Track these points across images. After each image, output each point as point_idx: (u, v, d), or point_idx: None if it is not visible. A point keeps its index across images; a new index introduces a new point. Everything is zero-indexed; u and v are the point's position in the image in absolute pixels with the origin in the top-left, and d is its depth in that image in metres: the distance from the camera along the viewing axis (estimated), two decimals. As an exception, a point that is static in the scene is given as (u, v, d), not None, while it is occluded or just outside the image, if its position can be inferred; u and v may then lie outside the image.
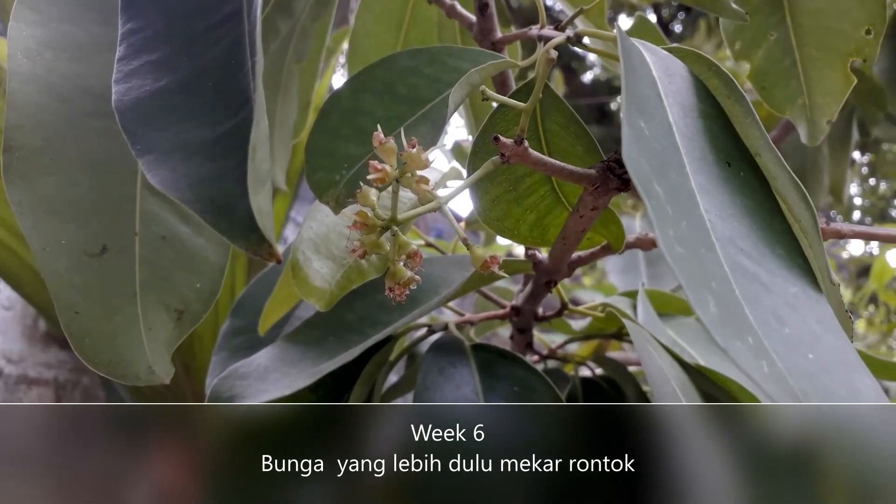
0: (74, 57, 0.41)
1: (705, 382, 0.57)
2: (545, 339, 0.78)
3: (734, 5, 0.40)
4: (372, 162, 0.31)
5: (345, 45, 1.28)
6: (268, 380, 0.48)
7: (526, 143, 0.35)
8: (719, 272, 0.27)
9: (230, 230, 0.26)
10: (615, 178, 0.38)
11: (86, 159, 0.41)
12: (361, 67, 0.43)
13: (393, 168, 0.32)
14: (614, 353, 0.89)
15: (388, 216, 0.33)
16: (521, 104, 0.36)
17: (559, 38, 0.41)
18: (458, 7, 0.55)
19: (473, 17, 0.55)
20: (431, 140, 0.39)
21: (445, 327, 0.58)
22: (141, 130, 0.28)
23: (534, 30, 0.49)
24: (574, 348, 0.88)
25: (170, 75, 0.30)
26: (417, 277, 0.34)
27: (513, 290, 0.80)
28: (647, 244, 0.51)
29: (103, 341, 0.39)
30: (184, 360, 1.21)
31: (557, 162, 0.37)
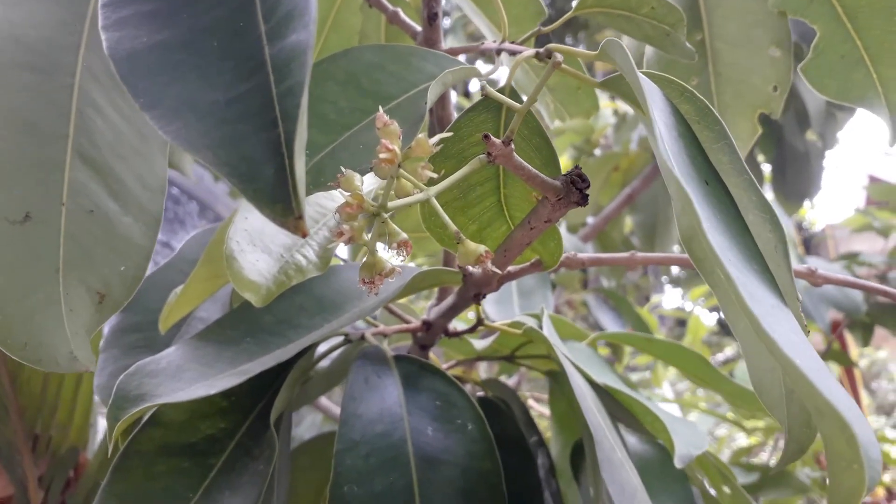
0: (6, 0, 0.37)
1: (608, 400, 0.60)
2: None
3: (687, 44, 0.42)
4: (383, 141, 0.29)
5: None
6: (182, 378, 0.44)
7: (513, 146, 0.35)
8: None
9: (256, 197, 0.24)
10: (577, 191, 0.40)
11: (12, 115, 0.36)
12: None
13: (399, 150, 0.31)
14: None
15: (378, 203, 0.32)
16: (518, 104, 0.36)
17: (528, 52, 0.42)
18: (402, 15, 0.55)
19: (416, 27, 0.55)
20: (407, 135, 0.38)
21: (362, 337, 0.56)
22: (142, 84, 0.26)
23: (487, 43, 0.49)
24: (457, 370, 0.89)
25: (168, 30, 0.27)
26: (399, 269, 0.33)
27: (411, 305, 0.79)
28: (575, 264, 0.52)
29: (19, 320, 0.34)
30: (10, 369, 1.09)
31: (533, 169, 0.37)
